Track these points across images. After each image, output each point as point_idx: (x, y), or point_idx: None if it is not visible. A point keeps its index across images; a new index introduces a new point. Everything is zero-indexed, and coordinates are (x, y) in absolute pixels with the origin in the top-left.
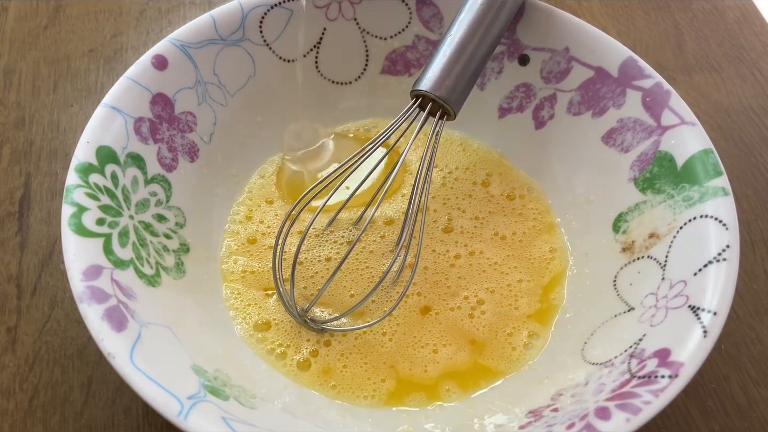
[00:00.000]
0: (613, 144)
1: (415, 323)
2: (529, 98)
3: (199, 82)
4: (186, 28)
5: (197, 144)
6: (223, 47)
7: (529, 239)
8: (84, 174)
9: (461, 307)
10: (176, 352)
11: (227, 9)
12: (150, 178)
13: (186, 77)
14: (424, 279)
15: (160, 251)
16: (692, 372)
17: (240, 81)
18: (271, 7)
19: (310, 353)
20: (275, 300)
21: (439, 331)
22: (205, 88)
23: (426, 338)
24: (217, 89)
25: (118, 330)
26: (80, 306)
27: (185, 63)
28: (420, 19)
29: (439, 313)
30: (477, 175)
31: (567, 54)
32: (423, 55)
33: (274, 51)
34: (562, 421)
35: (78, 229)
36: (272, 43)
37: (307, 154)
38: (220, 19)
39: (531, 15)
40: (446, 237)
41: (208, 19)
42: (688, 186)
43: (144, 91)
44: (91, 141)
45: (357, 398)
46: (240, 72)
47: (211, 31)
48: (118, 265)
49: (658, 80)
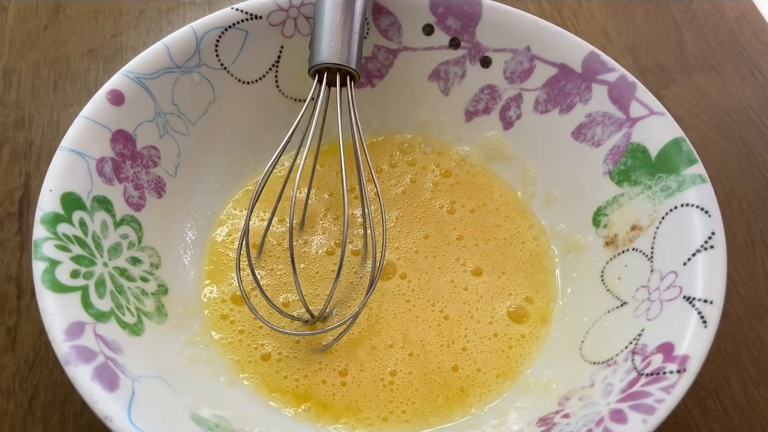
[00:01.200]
0: (584, 139)
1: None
2: (494, 100)
3: (158, 114)
4: (139, 59)
5: (163, 178)
6: (179, 75)
7: (509, 242)
8: (51, 225)
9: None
10: (173, 404)
11: (180, 35)
12: (119, 220)
13: (144, 110)
14: (408, 285)
15: (139, 296)
16: (699, 364)
17: (200, 108)
18: (225, 29)
19: (305, 388)
20: (266, 329)
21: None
22: (166, 120)
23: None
24: (177, 119)
25: (110, 390)
26: (67, 368)
27: (142, 96)
28: (378, 29)
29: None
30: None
31: (529, 53)
32: (384, 65)
33: (232, 74)
34: (577, 428)
35: (53, 285)
36: (230, 66)
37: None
38: (174, 47)
39: (489, 16)
40: (425, 242)
41: (162, 48)
42: (665, 176)
43: (103, 130)
44: (54, 189)
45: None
46: (199, 99)
47: (166, 59)
48: (99, 317)
49: (621, 73)
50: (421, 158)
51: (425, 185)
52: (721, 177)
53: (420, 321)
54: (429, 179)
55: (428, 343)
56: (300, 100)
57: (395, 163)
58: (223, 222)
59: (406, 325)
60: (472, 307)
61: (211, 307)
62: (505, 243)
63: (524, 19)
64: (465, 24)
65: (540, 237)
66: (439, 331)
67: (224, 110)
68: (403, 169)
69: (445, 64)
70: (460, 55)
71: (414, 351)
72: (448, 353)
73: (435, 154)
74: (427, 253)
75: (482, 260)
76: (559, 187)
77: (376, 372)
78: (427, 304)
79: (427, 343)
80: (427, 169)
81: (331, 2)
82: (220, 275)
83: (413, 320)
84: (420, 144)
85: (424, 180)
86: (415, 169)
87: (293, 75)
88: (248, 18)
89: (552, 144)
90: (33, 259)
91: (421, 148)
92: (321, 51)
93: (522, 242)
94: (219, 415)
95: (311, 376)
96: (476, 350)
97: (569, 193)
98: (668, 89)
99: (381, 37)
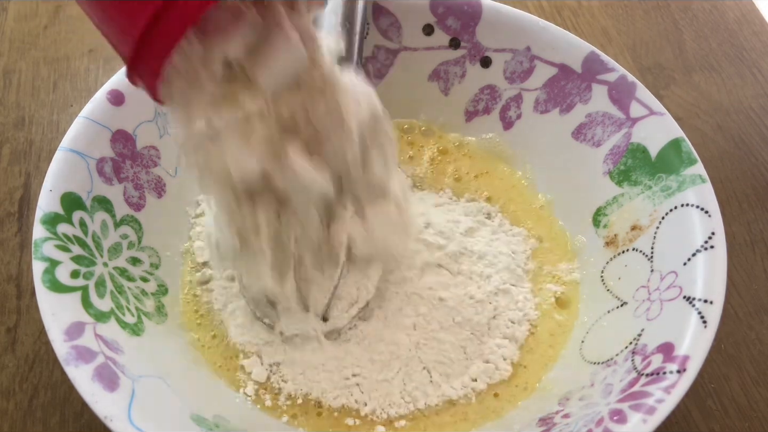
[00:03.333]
0: (584, 139)
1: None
2: (494, 100)
3: (158, 114)
4: None
5: (163, 179)
6: None
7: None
8: (51, 225)
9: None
10: (173, 404)
11: None
12: (119, 220)
13: (144, 110)
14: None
15: (139, 296)
16: (699, 364)
17: None
18: None
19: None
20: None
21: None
22: (166, 120)
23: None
24: None
25: (111, 390)
26: (67, 369)
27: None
28: (378, 29)
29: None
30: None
31: (529, 53)
32: (384, 65)
33: None
34: (577, 429)
35: (53, 285)
36: None
37: None
38: None
39: (489, 16)
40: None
41: None
42: (664, 176)
43: (103, 130)
44: (54, 189)
45: None
46: None
47: None
48: (100, 318)
49: (622, 73)
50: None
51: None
52: (721, 177)
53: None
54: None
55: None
56: None
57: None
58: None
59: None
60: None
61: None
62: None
63: (524, 19)
64: (465, 24)
65: (541, 236)
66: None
67: None
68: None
69: (445, 64)
70: (460, 55)
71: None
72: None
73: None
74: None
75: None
76: (559, 187)
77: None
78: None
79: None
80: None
81: (331, 3)
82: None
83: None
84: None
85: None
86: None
87: None
88: None
89: (552, 144)
90: (33, 259)
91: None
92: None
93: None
94: (219, 415)
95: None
96: None
97: (569, 193)
98: (668, 89)
99: (381, 37)
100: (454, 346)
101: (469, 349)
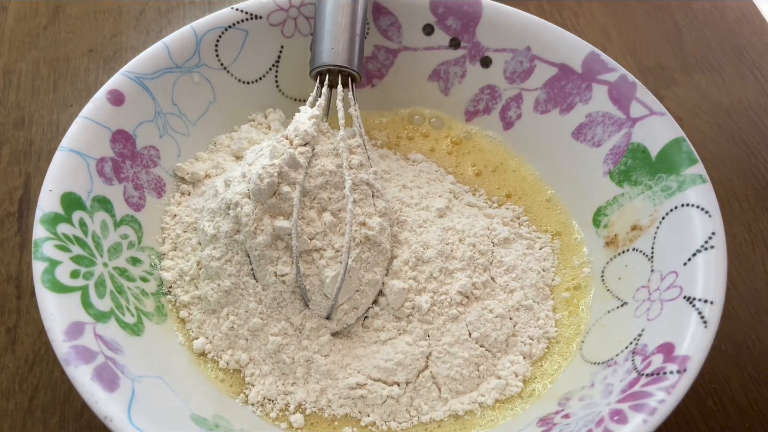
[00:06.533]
0: (584, 139)
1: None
2: (494, 100)
3: (158, 114)
4: (139, 59)
5: (163, 178)
6: (179, 75)
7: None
8: (51, 225)
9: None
10: (172, 404)
11: (180, 35)
12: (119, 220)
13: (144, 110)
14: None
15: (139, 296)
16: (699, 364)
17: (200, 108)
18: (225, 29)
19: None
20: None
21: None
22: (166, 120)
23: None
24: (177, 119)
25: (110, 390)
26: (67, 369)
27: (142, 95)
28: (378, 29)
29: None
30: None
31: (529, 53)
32: (384, 65)
33: (232, 74)
34: (578, 429)
35: (53, 285)
36: (230, 66)
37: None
38: (174, 46)
39: (489, 16)
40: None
41: (162, 48)
42: (665, 176)
43: (103, 130)
44: (54, 189)
45: None
46: (199, 99)
47: (166, 59)
48: (99, 318)
49: (622, 73)
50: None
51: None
52: (721, 177)
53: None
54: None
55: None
56: (300, 100)
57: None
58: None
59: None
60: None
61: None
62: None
63: (524, 19)
64: (465, 24)
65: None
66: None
67: (224, 110)
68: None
69: (445, 64)
70: (460, 55)
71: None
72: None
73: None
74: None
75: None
76: (559, 187)
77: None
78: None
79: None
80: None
81: (332, 3)
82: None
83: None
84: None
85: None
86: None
87: (293, 75)
88: (248, 18)
89: (552, 144)
90: (33, 259)
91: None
92: (322, 53)
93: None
94: (219, 415)
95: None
96: None
97: (569, 193)
98: (668, 89)
99: (381, 37)
100: (468, 362)
101: (483, 367)
